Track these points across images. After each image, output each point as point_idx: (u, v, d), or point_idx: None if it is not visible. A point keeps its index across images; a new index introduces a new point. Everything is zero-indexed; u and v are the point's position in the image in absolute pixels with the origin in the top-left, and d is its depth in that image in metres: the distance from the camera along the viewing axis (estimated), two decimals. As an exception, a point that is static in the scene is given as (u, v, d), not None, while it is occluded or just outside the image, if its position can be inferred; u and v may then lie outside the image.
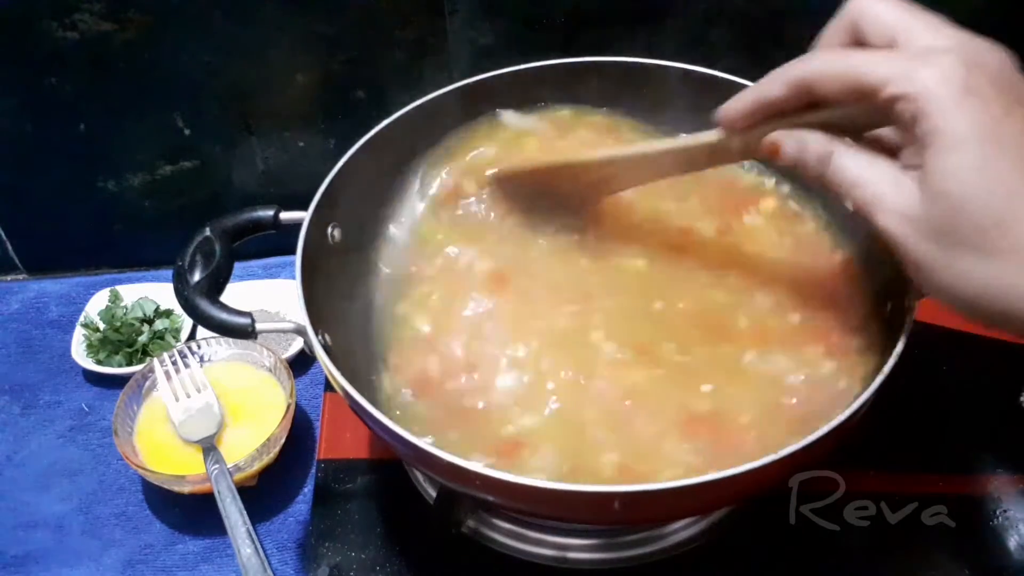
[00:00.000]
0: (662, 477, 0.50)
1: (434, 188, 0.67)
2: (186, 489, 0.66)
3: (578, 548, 0.60)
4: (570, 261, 0.62)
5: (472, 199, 0.66)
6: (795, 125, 0.45)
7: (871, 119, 0.43)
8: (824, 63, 0.42)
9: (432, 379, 0.57)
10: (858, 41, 0.43)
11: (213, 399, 0.70)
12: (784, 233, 0.64)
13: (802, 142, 0.45)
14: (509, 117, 0.69)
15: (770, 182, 0.67)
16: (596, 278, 0.61)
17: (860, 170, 0.42)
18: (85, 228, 0.88)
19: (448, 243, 0.64)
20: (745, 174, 0.67)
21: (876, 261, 0.60)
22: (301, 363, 0.79)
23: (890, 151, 0.42)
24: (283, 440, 0.69)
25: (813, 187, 0.49)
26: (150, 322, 0.81)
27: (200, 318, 0.54)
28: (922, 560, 0.61)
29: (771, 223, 0.64)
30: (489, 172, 0.65)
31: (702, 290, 0.59)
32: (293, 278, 0.55)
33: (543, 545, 0.61)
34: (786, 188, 0.66)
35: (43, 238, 0.89)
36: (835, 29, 0.44)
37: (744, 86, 0.65)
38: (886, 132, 0.44)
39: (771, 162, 0.48)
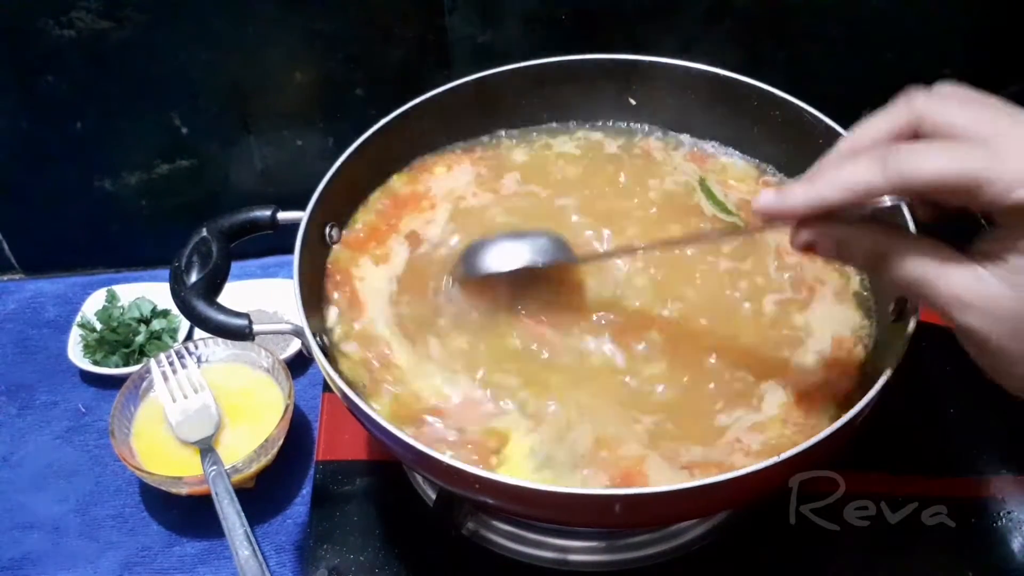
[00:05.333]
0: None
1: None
2: (183, 491, 0.66)
3: (578, 550, 0.60)
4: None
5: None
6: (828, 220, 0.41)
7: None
8: (940, 164, 0.37)
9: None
10: (915, 137, 0.40)
11: (211, 400, 0.70)
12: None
13: (844, 241, 0.41)
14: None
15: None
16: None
17: (929, 267, 0.39)
18: (82, 227, 0.87)
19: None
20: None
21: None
22: (299, 363, 0.78)
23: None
24: (281, 441, 0.69)
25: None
26: (147, 322, 0.81)
27: (197, 320, 0.53)
28: (922, 560, 0.61)
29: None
30: (446, 280, 0.59)
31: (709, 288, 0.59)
32: (291, 277, 0.54)
33: (543, 547, 0.60)
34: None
35: (40, 237, 0.89)
36: (887, 123, 0.40)
37: (749, 85, 0.65)
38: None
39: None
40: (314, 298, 0.58)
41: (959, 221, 0.40)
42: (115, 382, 0.75)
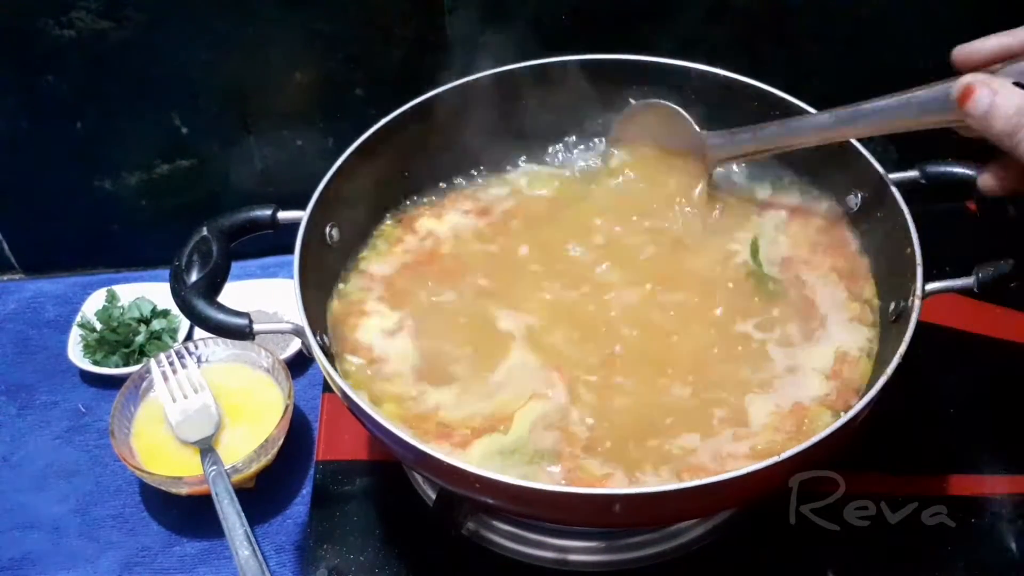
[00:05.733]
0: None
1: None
2: (184, 491, 0.66)
3: (578, 550, 0.60)
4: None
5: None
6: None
7: None
8: None
9: None
10: None
11: (211, 400, 0.70)
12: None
13: (1002, 92, 0.43)
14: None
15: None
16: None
17: None
18: (82, 227, 0.87)
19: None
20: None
21: (881, 263, 0.60)
22: (299, 363, 0.78)
23: None
24: (281, 441, 0.69)
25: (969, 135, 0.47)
26: (147, 322, 0.81)
27: (197, 319, 0.53)
28: (922, 560, 0.61)
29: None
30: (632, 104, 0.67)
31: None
32: (291, 277, 0.54)
33: (543, 547, 0.60)
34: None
35: (40, 238, 0.88)
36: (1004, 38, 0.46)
37: (749, 85, 0.66)
38: None
39: (956, 111, 0.46)
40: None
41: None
42: (115, 382, 0.75)
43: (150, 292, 0.83)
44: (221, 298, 0.54)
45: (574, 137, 0.73)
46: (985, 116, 0.44)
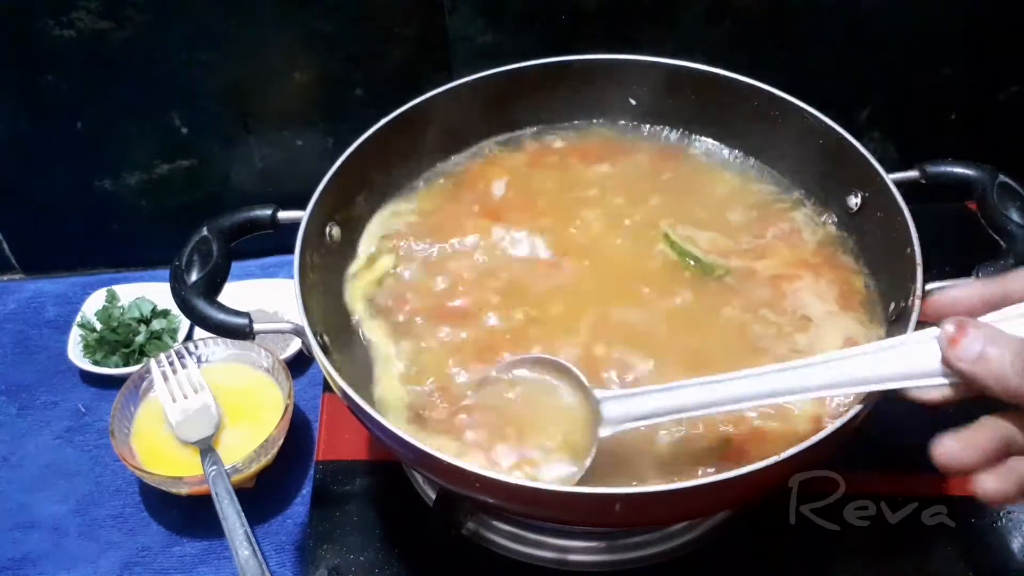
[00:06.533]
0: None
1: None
2: (184, 491, 0.66)
3: (578, 550, 0.60)
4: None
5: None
6: None
7: None
8: None
9: None
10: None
11: (211, 400, 0.70)
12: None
13: (989, 337, 0.38)
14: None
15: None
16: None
17: None
18: (82, 227, 0.87)
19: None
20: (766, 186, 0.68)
21: (880, 263, 0.60)
22: (300, 363, 0.78)
23: None
24: (281, 441, 0.69)
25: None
26: (147, 322, 0.81)
27: (197, 318, 0.53)
28: (922, 560, 0.61)
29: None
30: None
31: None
32: (291, 277, 0.54)
33: (543, 547, 0.60)
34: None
35: (40, 238, 0.89)
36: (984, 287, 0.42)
37: (749, 85, 0.65)
38: None
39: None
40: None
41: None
42: (115, 382, 0.75)
43: (150, 292, 0.83)
44: (221, 298, 0.55)
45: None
46: (978, 360, 0.38)
